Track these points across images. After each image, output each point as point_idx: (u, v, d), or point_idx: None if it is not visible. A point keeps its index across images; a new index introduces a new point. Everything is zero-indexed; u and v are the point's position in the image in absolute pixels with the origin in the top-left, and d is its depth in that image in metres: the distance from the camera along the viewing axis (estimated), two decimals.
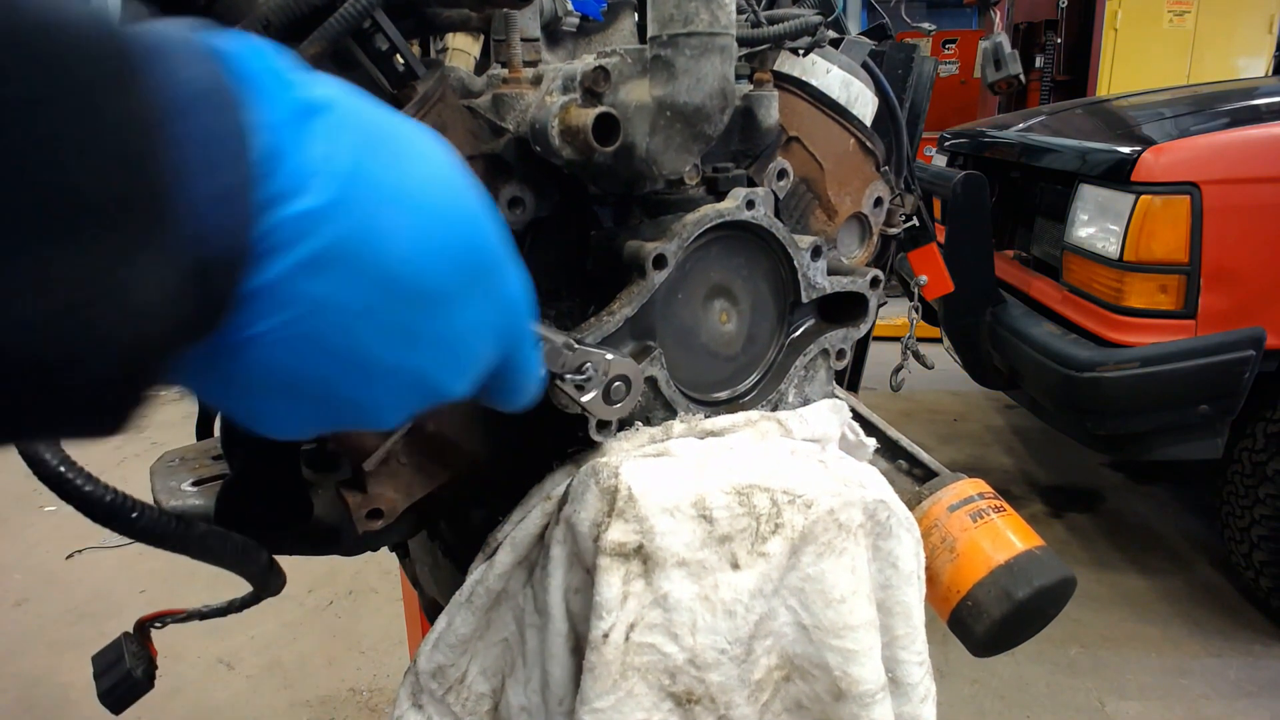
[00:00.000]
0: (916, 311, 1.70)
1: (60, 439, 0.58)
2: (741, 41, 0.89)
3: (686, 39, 0.70)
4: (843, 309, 0.97)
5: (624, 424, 0.84)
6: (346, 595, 3.40)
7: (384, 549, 1.16)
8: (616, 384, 0.76)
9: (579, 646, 0.77)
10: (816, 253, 0.91)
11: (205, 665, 3.00)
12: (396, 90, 0.74)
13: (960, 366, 3.64)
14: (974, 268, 3.21)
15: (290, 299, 0.40)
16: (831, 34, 1.03)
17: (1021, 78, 4.54)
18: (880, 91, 1.14)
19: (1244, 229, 2.58)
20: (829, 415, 0.93)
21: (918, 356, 1.78)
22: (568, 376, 0.74)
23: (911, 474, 1.05)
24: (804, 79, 1.00)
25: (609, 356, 0.75)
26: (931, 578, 0.92)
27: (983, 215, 3.20)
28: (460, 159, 0.49)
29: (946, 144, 4.16)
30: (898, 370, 1.78)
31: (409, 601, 2.18)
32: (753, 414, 0.90)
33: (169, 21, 0.38)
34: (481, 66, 1.00)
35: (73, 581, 3.59)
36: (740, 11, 0.89)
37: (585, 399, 0.76)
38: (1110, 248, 2.68)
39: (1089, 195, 2.82)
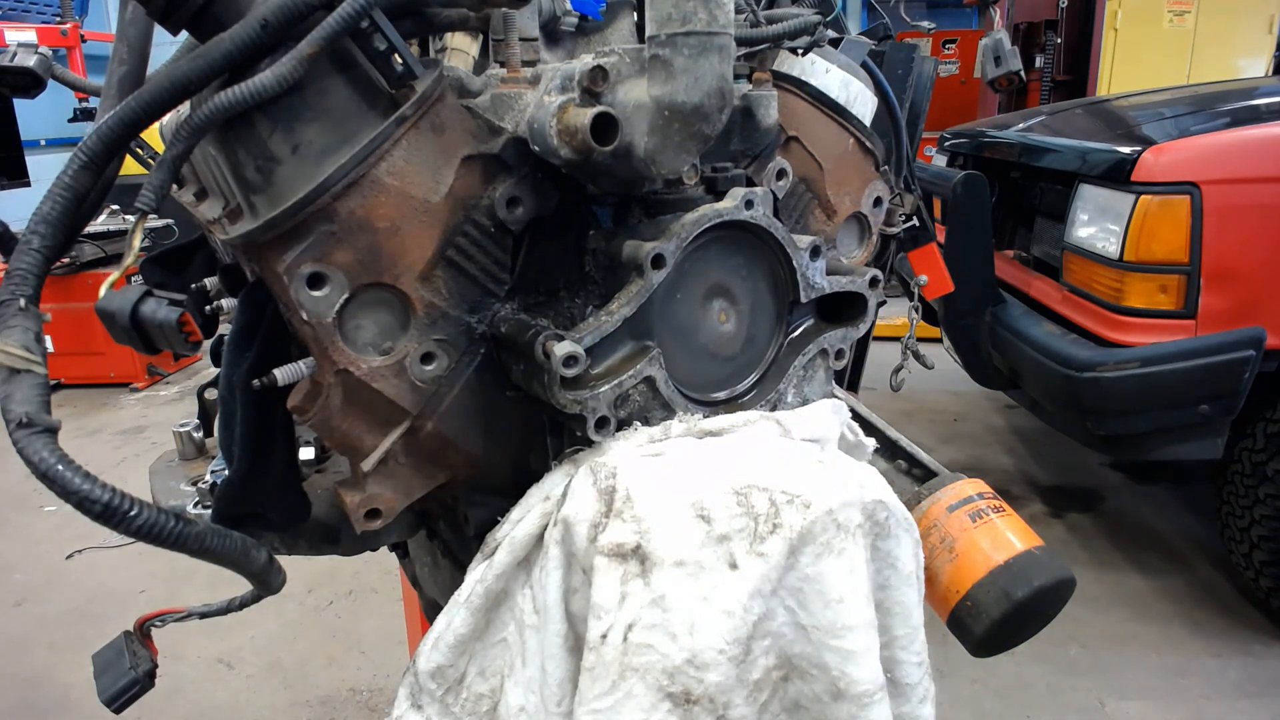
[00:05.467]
0: (916, 311, 1.70)
1: None
2: (740, 41, 0.88)
3: (685, 38, 0.70)
4: (842, 309, 0.97)
5: (622, 424, 0.84)
6: (346, 595, 3.40)
7: (384, 549, 1.16)
8: None
9: (577, 646, 0.77)
10: (815, 252, 0.91)
11: (205, 665, 3.00)
12: (395, 90, 0.74)
13: (960, 366, 3.63)
14: (974, 268, 3.20)
15: None
16: (831, 34, 1.02)
17: (1022, 74, 4.52)
18: (880, 91, 1.14)
19: (1244, 229, 2.57)
20: (828, 415, 0.93)
21: (918, 356, 1.78)
22: None
23: (911, 474, 1.05)
24: (803, 79, 1.00)
25: None
26: (930, 578, 0.92)
27: (983, 215, 3.20)
28: None
29: (946, 144, 4.15)
30: (898, 370, 1.78)
31: (409, 601, 2.18)
32: (751, 414, 0.90)
33: None
34: (480, 66, 1.00)
35: (73, 581, 3.59)
36: (739, 11, 0.89)
37: None
38: (1110, 248, 2.68)
39: (1089, 195, 2.82)
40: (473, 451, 0.87)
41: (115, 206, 6.28)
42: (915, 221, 1.45)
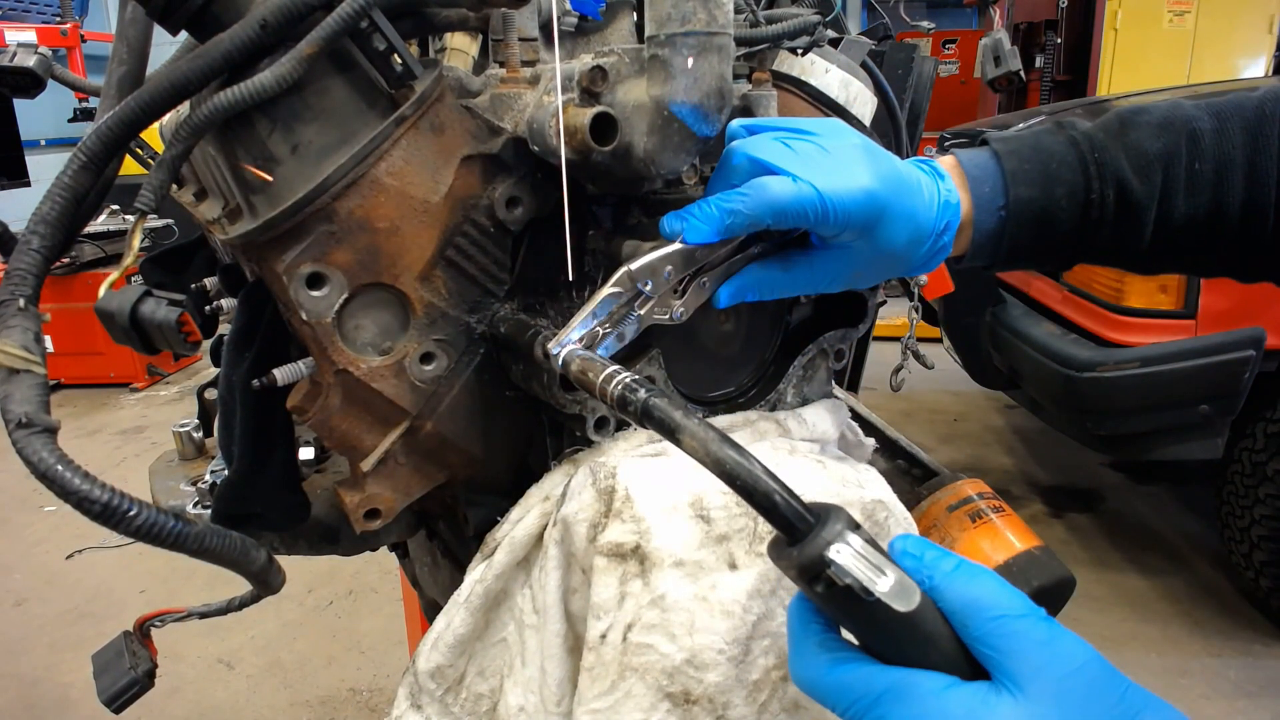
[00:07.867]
0: (916, 311, 1.70)
1: None
2: (739, 41, 0.88)
3: (684, 38, 0.70)
4: (841, 309, 0.97)
5: (621, 424, 0.84)
6: (346, 595, 3.40)
7: (384, 549, 1.16)
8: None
9: (577, 647, 0.77)
10: None
11: (205, 665, 3.00)
12: (394, 90, 0.74)
13: (960, 366, 3.63)
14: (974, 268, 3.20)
15: None
16: (830, 33, 1.02)
17: (1021, 74, 4.52)
18: (880, 91, 1.14)
19: None
20: (827, 415, 0.93)
21: (918, 356, 1.78)
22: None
23: (911, 474, 1.05)
24: (803, 79, 1.00)
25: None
26: None
27: None
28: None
29: (946, 144, 4.15)
30: (898, 370, 1.78)
31: (409, 601, 2.18)
32: (751, 414, 0.90)
33: None
34: (480, 66, 0.99)
35: (73, 581, 3.60)
36: (738, 11, 0.89)
37: None
38: None
39: None
40: (472, 451, 0.87)
41: (115, 206, 6.28)
42: None
